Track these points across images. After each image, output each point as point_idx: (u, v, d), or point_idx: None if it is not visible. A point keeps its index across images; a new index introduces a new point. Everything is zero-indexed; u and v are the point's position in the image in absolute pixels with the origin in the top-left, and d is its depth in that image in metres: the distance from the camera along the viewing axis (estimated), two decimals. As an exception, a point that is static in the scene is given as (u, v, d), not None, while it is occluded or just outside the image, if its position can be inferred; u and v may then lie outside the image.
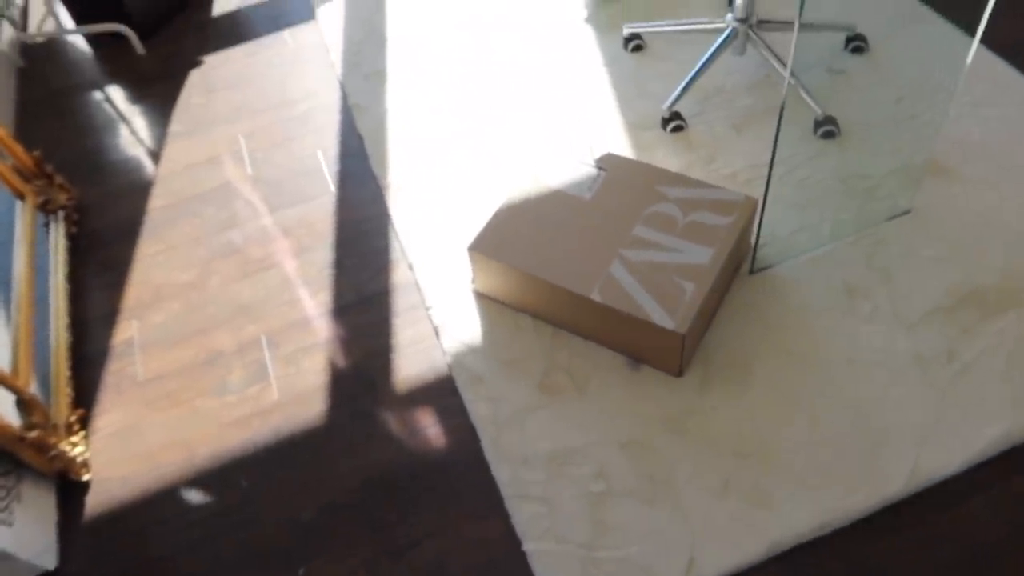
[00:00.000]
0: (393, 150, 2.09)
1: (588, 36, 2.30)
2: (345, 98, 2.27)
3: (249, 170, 2.12)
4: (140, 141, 2.27)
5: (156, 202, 2.09)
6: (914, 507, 1.38)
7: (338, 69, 2.36)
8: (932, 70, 2.04)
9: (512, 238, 1.64)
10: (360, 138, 2.15)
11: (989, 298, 1.60)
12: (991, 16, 2.15)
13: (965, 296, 1.61)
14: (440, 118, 2.15)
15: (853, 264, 1.69)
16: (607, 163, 1.75)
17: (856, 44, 2.11)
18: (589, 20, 2.34)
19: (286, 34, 2.54)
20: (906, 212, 1.76)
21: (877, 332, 1.58)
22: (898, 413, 1.47)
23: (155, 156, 2.21)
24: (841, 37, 2.13)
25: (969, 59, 1.57)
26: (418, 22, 2.45)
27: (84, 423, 1.67)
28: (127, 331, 1.82)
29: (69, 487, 1.58)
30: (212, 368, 1.72)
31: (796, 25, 1.33)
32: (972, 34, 2.06)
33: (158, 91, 2.41)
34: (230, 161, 2.16)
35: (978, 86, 1.99)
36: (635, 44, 2.21)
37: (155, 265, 1.94)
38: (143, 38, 2.59)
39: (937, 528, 1.36)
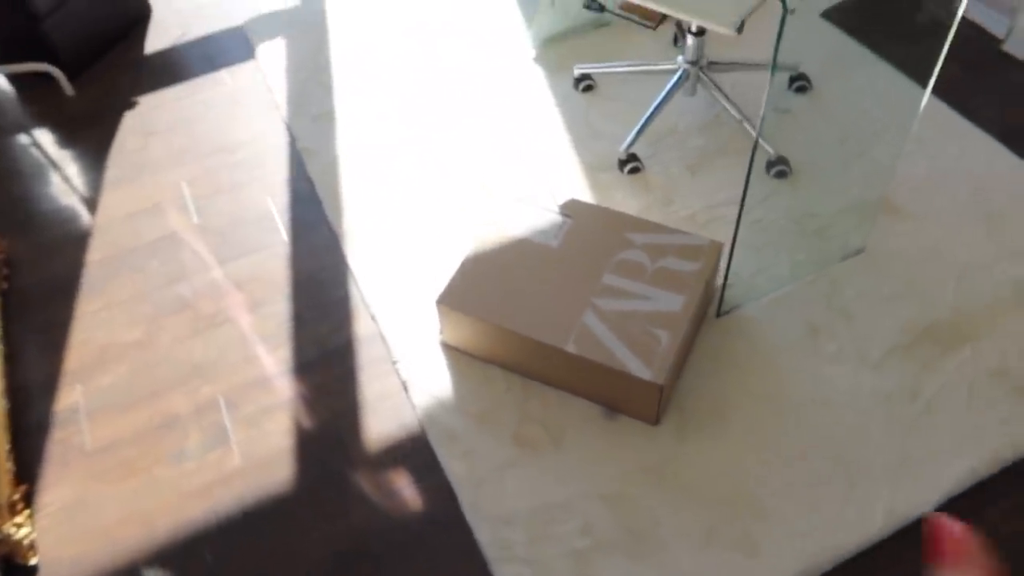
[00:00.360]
0: (347, 194, 2.04)
1: (538, 76, 2.30)
2: (293, 141, 2.21)
3: (195, 219, 2.04)
4: (74, 189, 2.15)
5: (94, 255, 1.98)
6: (891, 546, 1.41)
7: (283, 111, 2.29)
8: (874, 109, 2.12)
9: (481, 290, 1.61)
10: (311, 182, 2.09)
11: (944, 333, 1.66)
12: (925, 56, 2.25)
13: (922, 333, 1.66)
14: (395, 159, 2.11)
15: (814, 304, 1.73)
16: (571, 209, 1.74)
17: (800, 84, 2.17)
18: (538, 60, 2.35)
19: (224, 74, 2.46)
20: (860, 251, 1.81)
21: (843, 372, 1.61)
22: (870, 453, 1.50)
23: (91, 205, 2.11)
24: (785, 77, 2.19)
25: (923, 105, 1.62)
26: (366, 61, 2.41)
27: (28, 500, 1.56)
28: (71, 396, 1.71)
29: (15, 572, 1.47)
30: (167, 433, 1.64)
31: (772, 73, 1.35)
32: (908, 72, 2.14)
33: (91, 135, 2.30)
34: (173, 209, 2.07)
35: (918, 124, 2.07)
36: (586, 84, 2.22)
37: (97, 323, 1.84)
38: (71, 78, 2.47)
39: (914, 566, 1.38)
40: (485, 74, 2.32)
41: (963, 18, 2.35)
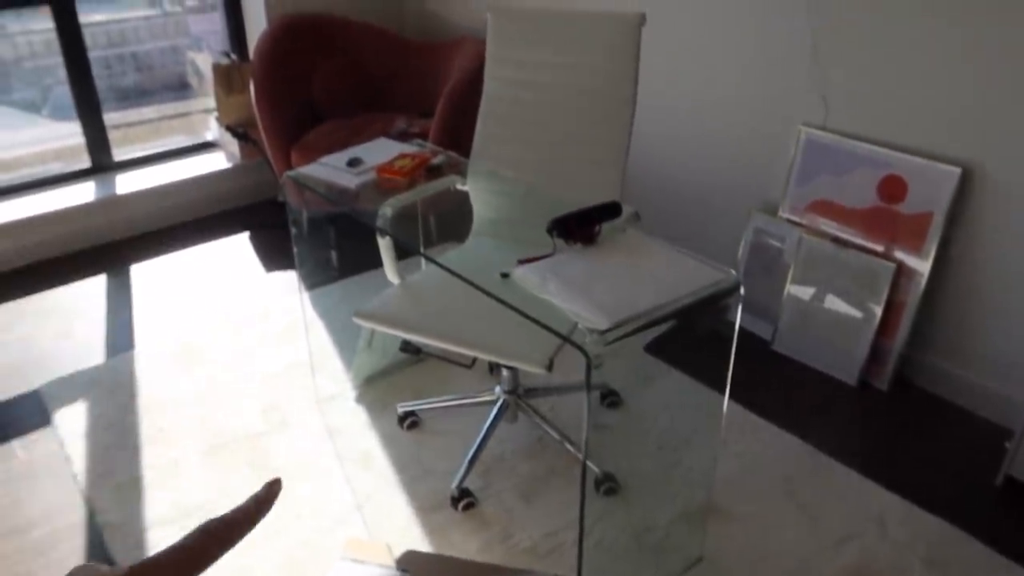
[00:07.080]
0: (156, 573, 1.83)
1: (361, 417, 2.30)
2: (91, 515, 2.00)
3: (-35, 629, 1.73)
4: None
5: None
6: None
7: (82, 481, 2.10)
8: (682, 416, 2.28)
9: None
10: (111, 564, 1.87)
11: (795, 641, 1.66)
12: (712, 363, 2.50)
13: (775, 643, 1.66)
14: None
15: (667, 627, 1.69)
16: (411, 562, 1.65)
17: (611, 400, 2.31)
18: (360, 400, 2.36)
19: (16, 446, 2.25)
20: (699, 560, 1.84)
21: None
22: None
23: None
24: (596, 394, 2.33)
25: (724, 409, 1.76)
26: (176, 418, 2.31)
27: None
28: None
29: None
30: None
31: (586, 419, 1.41)
32: (706, 381, 2.35)
33: None
34: (-62, 620, 1.75)
35: (722, 426, 2.24)
36: (411, 421, 2.24)
37: None
38: None
39: None
40: (309, 417, 2.29)
41: (741, 328, 2.67)
